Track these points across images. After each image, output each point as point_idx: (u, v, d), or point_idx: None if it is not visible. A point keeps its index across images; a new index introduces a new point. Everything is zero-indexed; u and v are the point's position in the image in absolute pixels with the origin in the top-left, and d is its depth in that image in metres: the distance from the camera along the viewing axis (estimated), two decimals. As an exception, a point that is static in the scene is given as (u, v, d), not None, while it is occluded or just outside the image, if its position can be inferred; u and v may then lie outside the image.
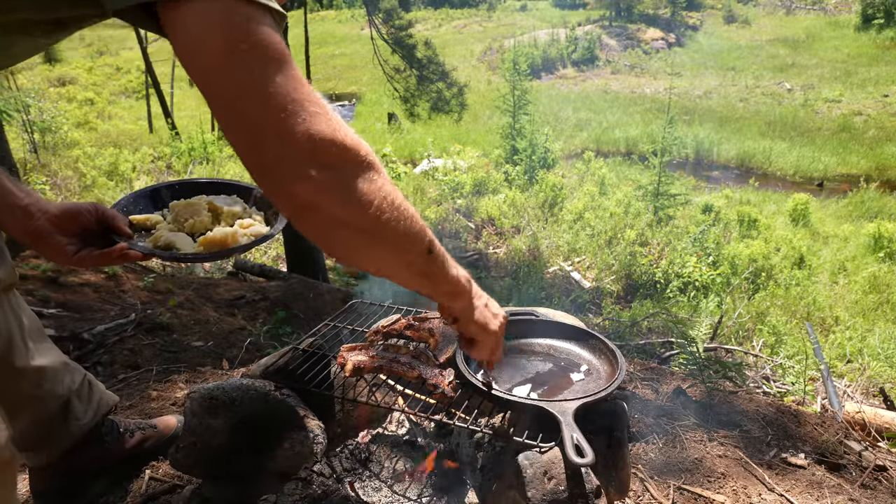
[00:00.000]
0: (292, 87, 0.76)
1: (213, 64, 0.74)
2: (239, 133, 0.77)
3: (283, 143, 0.75)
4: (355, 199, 0.82)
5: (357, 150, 0.82)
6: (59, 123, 14.20)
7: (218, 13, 0.73)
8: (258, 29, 0.75)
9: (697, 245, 9.77)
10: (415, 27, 13.56)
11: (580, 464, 1.05)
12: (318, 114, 0.78)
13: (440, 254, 1.00)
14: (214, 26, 0.73)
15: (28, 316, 1.37)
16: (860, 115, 22.45)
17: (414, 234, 0.92)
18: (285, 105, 0.75)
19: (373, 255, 0.91)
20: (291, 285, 4.48)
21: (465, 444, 1.46)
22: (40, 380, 1.36)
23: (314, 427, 1.44)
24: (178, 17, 0.73)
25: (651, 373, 2.72)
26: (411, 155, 17.75)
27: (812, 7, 40.02)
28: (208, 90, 0.76)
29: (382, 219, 0.85)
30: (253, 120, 0.75)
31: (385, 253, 0.91)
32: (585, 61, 32.74)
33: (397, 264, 0.95)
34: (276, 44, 0.76)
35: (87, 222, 1.16)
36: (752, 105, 24.74)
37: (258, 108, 0.74)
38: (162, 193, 1.34)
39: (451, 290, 1.08)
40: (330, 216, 0.81)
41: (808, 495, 1.77)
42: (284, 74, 0.76)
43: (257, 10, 0.75)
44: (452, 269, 1.06)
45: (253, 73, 0.74)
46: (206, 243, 1.16)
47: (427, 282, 1.02)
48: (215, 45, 0.73)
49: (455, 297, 1.10)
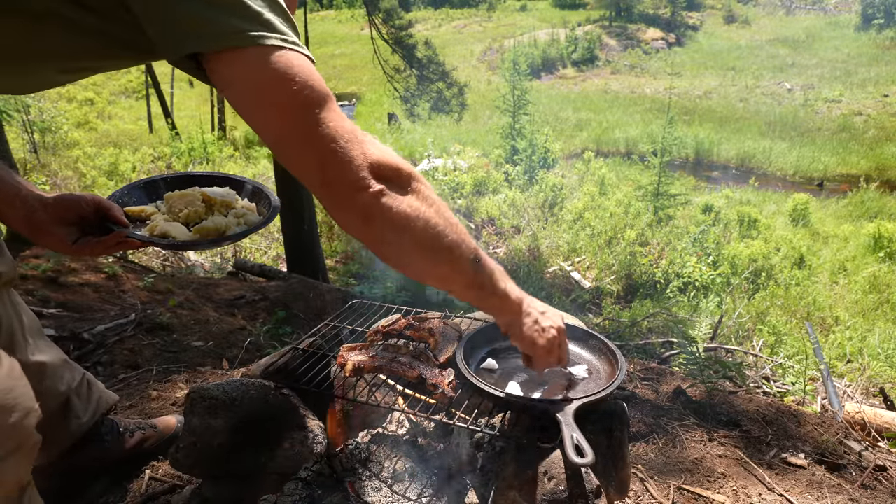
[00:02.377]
0: (342, 119, 0.90)
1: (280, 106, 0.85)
2: (305, 163, 0.89)
3: (346, 166, 0.89)
4: (408, 205, 0.94)
5: (403, 167, 0.96)
6: (59, 123, 14.20)
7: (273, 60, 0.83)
8: (307, 72, 0.87)
9: (697, 245, 9.77)
10: (415, 27, 13.56)
11: (580, 464, 1.05)
12: (367, 140, 0.92)
13: (489, 265, 1.09)
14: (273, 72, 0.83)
15: (27, 313, 1.37)
16: (860, 115, 22.45)
17: (460, 241, 1.02)
18: (343, 134, 0.89)
19: (425, 260, 1.00)
20: (291, 285, 4.48)
21: (465, 444, 1.46)
22: (41, 376, 1.36)
23: (314, 427, 1.44)
24: (227, 64, 0.84)
25: (651, 373, 2.72)
26: (411, 155, 17.74)
27: (812, 7, 40.03)
28: (274, 130, 0.88)
29: (431, 223, 0.97)
30: (321, 150, 0.87)
31: (435, 256, 1.00)
32: (585, 61, 32.75)
33: (447, 270, 1.03)
34: (322, 82, 0.89)
35: (85, 212, 1.18)
36: (752, 105, 24.74)
37: (325, 141, 0.87)
38: (156, 185, 1.35)
39: (499, 304, 1.14)
40: (388, 222, 0.92)
41: (808, 495, 1.77)
42: (335, 110, 0.90)
43: (297, 55, 0.87)
44: (501, 283, 1.12)
45: (314, 110, 0.86)
46: (202, 231, 1.17)
47: (477, 292, 1.09)
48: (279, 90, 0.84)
49: (502, 311, 1.16)
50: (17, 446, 0.87)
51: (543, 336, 1.20)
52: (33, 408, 0.90)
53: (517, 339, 1.21)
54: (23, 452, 0.88)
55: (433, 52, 11.52)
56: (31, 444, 0.90)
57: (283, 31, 0.87)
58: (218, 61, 0.83)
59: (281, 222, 7.13)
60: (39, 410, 0.91)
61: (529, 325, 1.19)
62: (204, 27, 0.81)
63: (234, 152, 15.83)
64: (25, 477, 0.91)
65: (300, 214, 6.41)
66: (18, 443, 0.87)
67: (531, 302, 1.21)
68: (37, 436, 0.91)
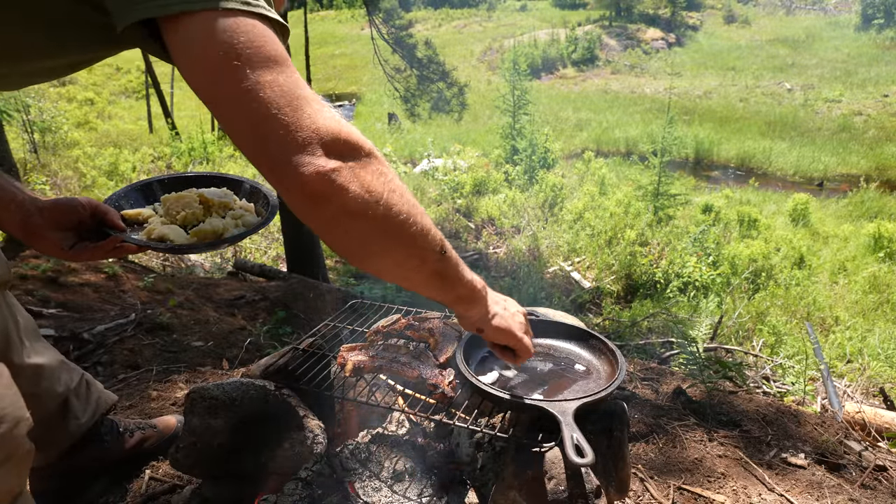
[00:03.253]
0: (295, 85, 0.78)
1: (217, 67, 0.75)
2: (245, 131, 0.78)
3: (291, 136, 0.76)
4: (364, 188, 0.81)
5: (362, 144, 0.83)
6: (59, 123, 14.20)
7: (220, 23, 0.75)
8: (256, 32, 0.77)
9: (697, 245, 9.77)
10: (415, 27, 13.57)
11: (580, 464, 1.05)
12: (321, 110, 0.80)
13: (453, 257, 0.99)
14: (218, 34, 0.75)
15: (22, 315, 1.37)
16: (860, 115, 22.45)
17: (425, 230, 0.90)
18: (290, 101, 0.77)
19: (384, 250, 0.88)
20: (291, 285, 4.48)
21: (465, 444, 1.46)
22: (38, 378, 1.36)
23: (314, 427, 1.44)
24: (179, 31, 0.76)
25: (651, 373, 2.72)
26: (411, 155, 17.75)
27: (812, 7, 40.03)
28: (211, 94, 0.78)
29: (392, 210, 0.84)
30: (260, 115, 0.76)
31: (396, 247, 0.89)
32: (585, 61, 32.75)
33: (410, 261, 0.92)
34: (276, 46, 0.78)
35: (81, 217, 1.17)
36: (752, 105, 24.75)
37: (264, 105, 0.75)
38: (153, 188, 1.34)
39: (467, 294, 1.05)
40: (339, 206, 0.80)
41: (808, 495, 1.77)
42: (287, 75, 0.78)
43: (256, 18, 0.78)
44: (467, 273, 1.03)
45: (256, 72, 0.75)
46: (199, 234, 1.17)
47: (441, 284, 0.99)
48: (217, 50, 0.75)
49: (471, 303, 1.08)
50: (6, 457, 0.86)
51: (516, 321, 1.15)
52: (23, 417, 0.89)
53: (493, 333, 1.14)
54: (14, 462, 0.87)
55: (433, 51, 11.52)
56: (22, 453, 0.89)
57: None
58: (172, 30, 0.76)
59: (281, 222, 7.13)
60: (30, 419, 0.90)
61: (501, 314, 1.13)
62: None
63: (234, 152, 15.83)
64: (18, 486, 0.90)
65: (300, 214, 6.40)
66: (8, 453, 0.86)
67: (493, 293, 1.14)
68: (28, 444, 0.90)
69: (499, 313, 1.13)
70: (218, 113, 0.79)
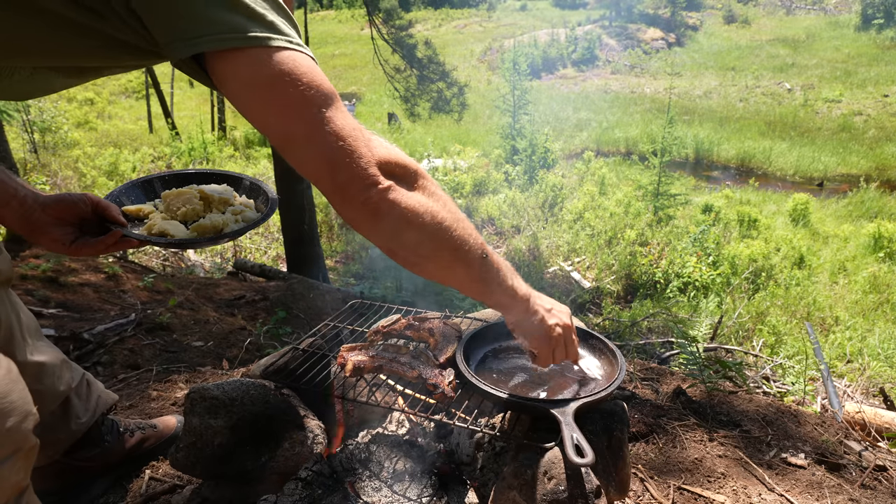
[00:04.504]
0: (348, 117, 0.90)
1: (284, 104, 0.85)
2: (313, 163, 0.89)
3: (355, 163, 0.89)
4: (416, 201, 0.95)
5: (409, 164, 0.97)
6: (59, 123, 14.20)
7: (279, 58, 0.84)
8: (312, 71, 0.87)
9: (697, 245, 9.77)
10: (415, 27, 13.57)
11: (580, 464, 1.05)
12: (373, 138, 0.94)
13: (496, 262, 1.09)
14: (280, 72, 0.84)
15: (25, 313, 1.37)
16: (860, 115, 22.46)
17: (468, 236, 1.02)
18: (350, 132, 0.89)
19: (433, 256, 1.00)
20: (291, 285, 4.48)
21: (465, 444, 1.46)
22: (40, 375, 1.36)
23: (314, 427, 1.44)
24: (229, 63, 0.84)
25: (651, 373, 2.72)
26: (411, 155, 17.65)
27: (812, 7, 40.03)
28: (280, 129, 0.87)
29: (438, 218, 0.97)
30: (329, 147, 0.87)
31: (443, 252, 1.00)
32: (585, 61, 32.77)
33: (455, 265, 1.03)
34: (327, 81, 0.89)
35: (83, 212, 1.18)
36: (752, 105, 24.76)
37: (332, 137, 0.87)
38: (153, 184, 1.35)
39: (507, 301, 1.14)
40: (396, 218, 0.93)
41: (808, 495, 1.77)
42: (342, 109, 0.90)
43: (302, 55, 0.88)
44: (509, 280, 1.12)
45: (322, 108, 0.87)
46: (199, 229, 1.17)
47: (483, 287, 1.09)
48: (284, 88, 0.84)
49: (510, 308, 1.16)
50: (14, 450, 0.87)
51: (551, 334, 1.20)
52: (31, 411, 0.90)
53: (525, 337, 1.22)
54: (21, 456, 0.88)
55: (433, 51, 11.52)
56: (28, 447, 0.90)
57: (287, 32, 0.87)
58: (222, 61, 0.83)
59: (281, 222, 7.13)
60: (37, 414, 0.91)
61: (537, 323, 1.19)
62: (208, 27, 0.81)
63: (234, 152, 15.85)
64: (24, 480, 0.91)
65: (300, 214, 6.41)
66: (16, 446, 0.87)
67: (538, 298, 1.21)
68: (35, 439, 0.91)
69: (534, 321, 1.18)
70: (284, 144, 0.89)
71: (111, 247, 1.18)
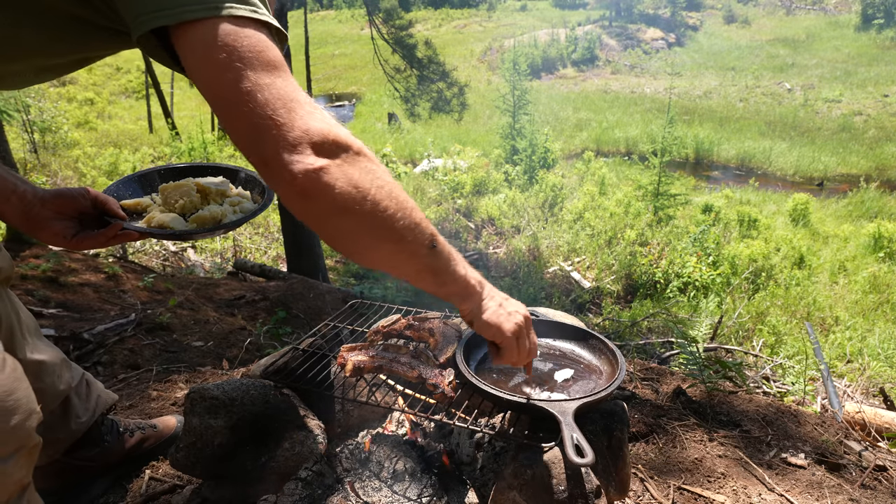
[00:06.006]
0: (291, 89, 0.84)
1: (220, 68, 0.81)
2: (242, 129, 0.83)
3: (283, 135, 0.81)
4: (352, 185, 0.85)
5: (350, 143, 0.88)
6: (59, 123, 14.22)
7: (225, 27, 0.81)
8: (257, 39, 0.83)
9: (697, 245, 9.78)
10: (415, 27, 13.57)
11: (580, 464, 1.05)
12: (314, 112, 0.85)
13: (446, 251, 1.01)
14: (223, 38, 0.81)
15: (24, 312, 1.37)
16: (860, 115, 22.47)
17: (414, 225, 0.93)
18: (285, 103, 0.82)
19: (373, 245, 0.92)
20: (291, 285, 4.48)
21: (465, 444, 1.46)
22: (41, 373, 1.36)
23: (314, 427, 1.44)
24: (188, 35, 0.81)
25: (651, 373, 2.72)
26: (411, 155, 17.75)
27: (812, 7, 40.04)
28: (213, 93, 0.83)
29: (380, 206, 0.88)
30: (256, 115, 0.81)
31: (384, 242, 0.92)
32: (585, 61, 32.77)
33: (399, 256, 0.95)
34: (275, 52, 0.85)
35: (82, 206, 1.19)
36: (752, 105, 24.76)
37: (261, 105, 0.81)
38: (151, 178, 1.36)
39: (459, 290, 1.07)
40: (329, 202, 0.85)
41: (808, 495, 1.77)
42: (283, 79, 0.83)
43: (261, 26, 0.84)
44: (461, 269, 1.05)
45: (256, 74, 0.81)
46: (198, 221, 1.18)
47: (433, 278, 1.01)
48: (220, 52, 0.80)
49: (464, 299, 1.09)
50: (18, 448, 0.87)
51: (510, 320, 1.13)
52: (35, 410, 0.91)
53: (482, 327, 1.13)
54: (24, 454, 0.89)
55: (433, 51, 11.52)
56: (31, 445, 0.90)
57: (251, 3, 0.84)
58: (182, 35, 0.81)
59: (281, 222, 7.13)
60: (41, 413, 0.92)
61: (494, 310, 1.12)
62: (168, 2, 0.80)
63: (234, 152, 15.84)
64: (26, 478, 0.92)
65: (300, 214, 6.40)
66: (20, 444, 0.88)
67: (490, 289, 1.14)
68: (38, 438, 0.91)
69: (491, 309, 1.12)
70: (218, 111, 0.84)
71: (111, 240, 1.19)
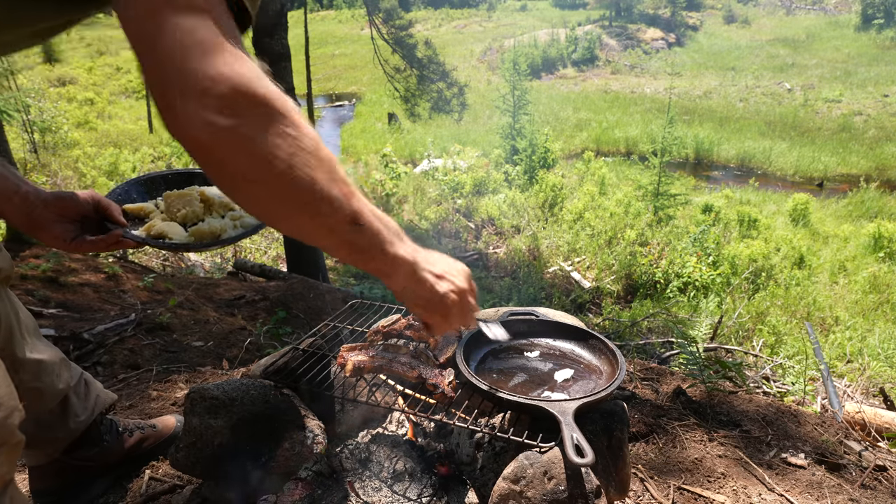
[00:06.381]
0: (214, 32, 0.72)
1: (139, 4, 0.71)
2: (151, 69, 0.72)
3: (189, 84, 0.70)
4: (260, 152, 0.75)
5: (270, 101, 0.75)
6: (59, 123, 14.22)
7: None
8: None
9: (697, 245, 9.78)
10: (415, 27, 13.57)
11: (580, 464, 1.05)
12: (234, 63, 0.72)
13: (372, 224, 0.92)
14: None
15: (23, 311, 1.38)
16: (860, 115, 22.47)
17: (332, 199, 0.84)
18: (203, 46, 0.71)
19: (286, 215, 0.84)
20: (291, 285, 4.48)
21: (465, 444, 1.46)
22: (40, 372, 1.36)
23: (314, 427, 1.44)
24: None
25: (651, 373, 2.72)
26: (411, 155, 17.76)
27: (812, 7, 40.06)
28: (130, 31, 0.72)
29: (290, 175, 0.78)
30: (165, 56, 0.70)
31: (297, 214, 0.84)
32: (585, 61, 32.78)
33: (315, 229, 0.87)
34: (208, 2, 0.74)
35: (84, 209, 1.19)
36: (752, 105, 24.76)
37: (169, 48, 0.70)
38: (156, 182, 1.36)
39: (385, 268, 0.99)
40: (234, 168, 0.75)
41: (808, 495, 1.77)
42: (207, 23, 0.72)
43: None
44: (390, 248, 0.96)
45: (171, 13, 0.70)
46: (197, 234, 1.18)
47: (356, 255, 0.94)
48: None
49: (389, 276, 1.02)
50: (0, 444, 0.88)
51: (444, 301, 1.07)
52: (17, 407, 0.91)
53: (414, 307, 1.08)
54: (5, 451, 0.90)
55: (433, 51, 11.53)
56: (13, 442, 0.91)
57: None
58: None
59: (281, 222, 7.10)
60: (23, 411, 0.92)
61: (426, 292, 1.05)
62: None
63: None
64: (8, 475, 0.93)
65: (300, 214, 6.40)
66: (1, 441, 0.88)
67: (426, 262, 1.05)
68: (20, 435, 0.92)
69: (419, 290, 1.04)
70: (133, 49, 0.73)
71: (110, 246, 1.19)
